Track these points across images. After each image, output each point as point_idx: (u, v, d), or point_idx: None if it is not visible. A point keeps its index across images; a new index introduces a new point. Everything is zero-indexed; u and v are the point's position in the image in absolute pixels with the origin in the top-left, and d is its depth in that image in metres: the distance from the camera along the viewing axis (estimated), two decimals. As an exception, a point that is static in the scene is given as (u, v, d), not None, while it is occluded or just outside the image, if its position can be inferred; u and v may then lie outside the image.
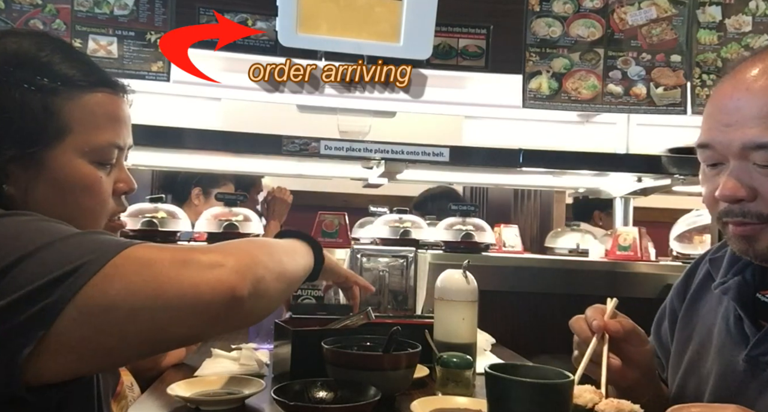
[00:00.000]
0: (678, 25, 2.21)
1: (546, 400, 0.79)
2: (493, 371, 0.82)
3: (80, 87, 0.86)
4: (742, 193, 0.91)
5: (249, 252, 0.80)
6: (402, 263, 1.96)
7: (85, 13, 1.99)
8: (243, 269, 0.75)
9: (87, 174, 0.86)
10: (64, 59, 0.86)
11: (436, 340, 1.34)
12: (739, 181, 0.91)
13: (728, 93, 0.94)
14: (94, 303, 0.67)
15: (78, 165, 0.85)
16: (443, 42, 2.30)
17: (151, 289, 0.70)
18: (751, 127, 0.89)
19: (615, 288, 2.10)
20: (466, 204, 2.22)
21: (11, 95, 0.80)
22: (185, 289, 0.71)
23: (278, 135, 1.98)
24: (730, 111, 0.92)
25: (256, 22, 2.19)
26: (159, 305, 0.70)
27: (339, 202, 4.11)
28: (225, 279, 0.73)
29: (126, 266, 0.70)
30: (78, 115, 0.85)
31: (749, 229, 0.92)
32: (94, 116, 0.87)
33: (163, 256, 0.73)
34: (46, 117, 0.82)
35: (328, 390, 1.07)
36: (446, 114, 2.47)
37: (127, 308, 0.69)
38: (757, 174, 0.90)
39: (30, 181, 0.82)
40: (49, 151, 0.83)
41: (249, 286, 0.74)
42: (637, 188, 2.32)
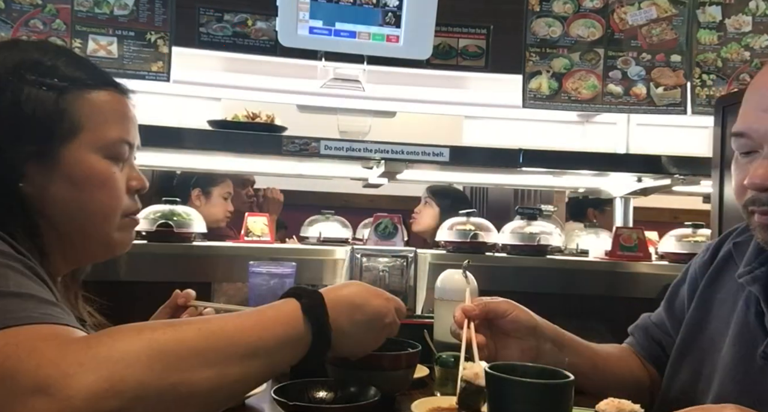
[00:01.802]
0: (678, 25, 2.21)
1: (546, 400, 0.79)
2: (493, 371, 0.82)
3: (88, 86, 0.88)
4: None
5: (121, 363, 0.59)
6: (402, 263, 1.96)
7: (85, 13, 1.99)
8: (75, 403, 0.55)
9: (101, 169, 0.88)
10: (68, 62, 0.88)
11: (435, 340, 1.34)
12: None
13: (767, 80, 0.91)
14: None
15: (92, 160, 0.87)
16: (443, 42, 2.30)
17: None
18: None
19: (615, 288, 2.11)
20: (532, 208, 2.22)
21: (24, 95, 0.82)
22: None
23: (278, 135, 1.98)
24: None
25: (256, 22, 2.19)
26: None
27: (339, 202, 4.11)
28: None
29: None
30: (88, 112, 0.86)
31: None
32: (103, 113, 0.89)
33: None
34: (58, 114, 0.83)
35: (328, 390, 1.06)
36: (446, 114, 2.47)
37: None
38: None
39: (46, 179, 0.83)
40: (63, 148, 0.84)
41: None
42: (637, 188, 2.31)
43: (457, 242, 2.14)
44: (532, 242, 2.13)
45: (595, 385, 1.10)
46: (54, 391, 0.55)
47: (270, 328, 0.75)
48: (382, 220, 2.12)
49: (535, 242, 2.12)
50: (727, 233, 1.14)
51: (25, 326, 0.61)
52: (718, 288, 1.07)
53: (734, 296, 1.02)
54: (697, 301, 1.10)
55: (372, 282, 1.95)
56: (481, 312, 1.05)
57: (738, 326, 0.98)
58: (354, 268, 2.00)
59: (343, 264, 2.06)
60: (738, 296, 1.01)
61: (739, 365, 0.95)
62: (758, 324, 0.95)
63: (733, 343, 0.98)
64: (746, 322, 0.97)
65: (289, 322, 0.77)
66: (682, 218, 2.36)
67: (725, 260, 1.08)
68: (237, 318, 0.75)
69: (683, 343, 1.09)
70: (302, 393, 1.04)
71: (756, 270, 0.97)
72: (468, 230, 2.14)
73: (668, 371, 1.11)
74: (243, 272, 1.78)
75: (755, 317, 0.96)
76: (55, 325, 0.63)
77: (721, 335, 1.02)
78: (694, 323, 1.08)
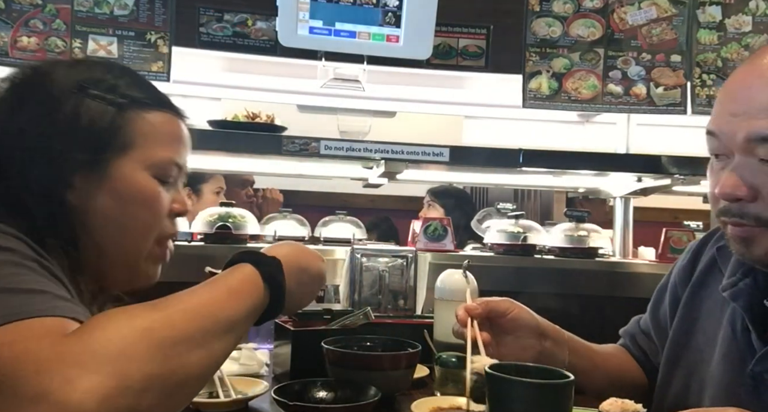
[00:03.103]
0: (678, 25, 2.21)
1: (546, 400, 0.79)
2: (493, 371, 0.82)
3: (146, 105, 0.89)
4: (742, 192, 0.83)
5: (122, 357, 0.57)
6: (402, 263, 1.96)
7: (85, 13, 1.99)
8: (87, 407, 0.53)
9: (148, 186, 0.88)
10: (131, 82, 0.90)
11: (435, 340, 1.34)
12: (741, 179, 0.83)
13: (741, 79, 0.87)
14: None
15: (140, 177, 0.88)
16: (443, 42, 2.30)
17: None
18: (759, 118, 0.81)
19: (615, 288, 2.10)
20: (580, 210, 2.21)
21: (84, 107, 0.83)
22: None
23: (278, 135, 1.98)
24: (740, 99, 0.85)
25: (256, 22, 2.18)
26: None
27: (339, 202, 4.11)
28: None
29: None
30: (143, 131, 0.88)
31: (746, 231, 0.85)
32: (157, 133, 0.90)
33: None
34: (113, 130, 0.85)
35: (328, 390, 1.07)
36: (446, 114, 2.47)
37: None
38: (761, 172, 0.83)
39: (92, 191, 0.84)
40: (113, 162, 0.85)
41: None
42: (637, 188, 2.31)
43: (507, 244, 2.12)
44: (582, 245, 2.11)
45: (595, 384, 1.10)
46: (60, 397, 0.53)
47: (242, 300, 0.76)
48: (431, 222, 2.12)
49: (585, 244, 2.11)
50: (708, 234, 1.10)
51: (21, 322, 0.60)
52: (705, 297, 1.04)
53: (721, 307, 0.99)
54: (683, 311, 1.07)
55: (372, 282, 1.96)
56: (484, 311, 1.05)
57: (726, 341, 0.95)
58: (354, 268, 2.00)
59: (343, 264, 2.06)
60: (725, 307, 0.97)
61: (728, 382, 0.93)
62: (745, 341, 0.91)
63: (722, 359, 0.95)
64: (733, 338, 0.94)
65: (253, 291, 0.79)
66: (682, 218, 2.36)
67: (710, 266, 1.05)
68: (211, 293, 0.75)
69: (672, 354, 1.07)
70: (302, 393, 1.04)
71: (740, 282, 0.93)
72: (517, 232, 2.14)
73: (660, 381, 1.10)
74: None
75: (741, 333, 0.92)
76: (53, 317, 0.62)
77: (709, 349, 0.99)
78: (681, 334, 1.06)
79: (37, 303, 0.63)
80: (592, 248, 2.12)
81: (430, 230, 2.12)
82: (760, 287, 0.92)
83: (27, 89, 0.85)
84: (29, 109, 0.83)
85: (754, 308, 0.91)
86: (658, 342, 1.15)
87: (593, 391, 1.08)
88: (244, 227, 2.02)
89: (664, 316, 1.14)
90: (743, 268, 0.94)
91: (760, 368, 0.88)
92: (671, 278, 1.14)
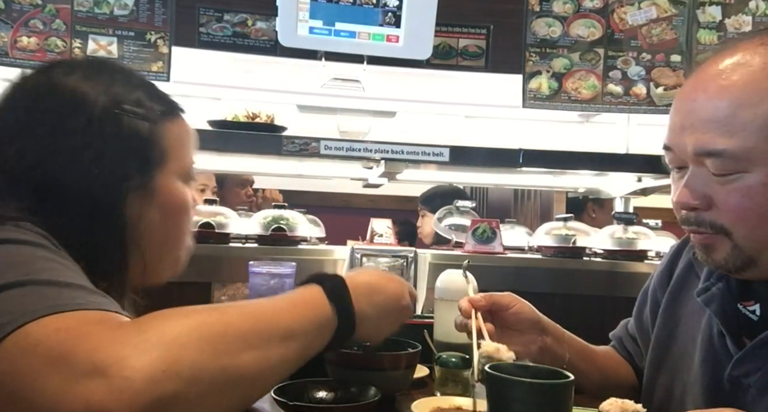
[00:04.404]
0: (678, 25, 2.21)
1: (546, 400, 0.79)
2: (493, 371, 0.82)
3: (169, 115, 0.91)
4: (695, 202, 0.86)
5: (174, 344, 0.59)
6: (402, 263, 1.96)
7: (85, 13, 1.99)
8: (135, 385, 0.54)
9: (185, 194, 0.92)
10: (150, 91, 0.91)
11: (435, 340, 1.34)
12: (694, 189, 0.86)
13: (687, 93, 0.89)
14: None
15: (178, 187, 0.91)
16: (443, 42, 2.30)
17: (10, 390, 0.57)
18: (703, 131, 0.83)
19: (615, 288, 2.10)
20: (629, 213, 2.21)
21: (125, 125, 0.84)
22: (40, 404, 0.55)
23: (278, 135, 1.98)
24: (686, 113, 0.87)
25: (256, 22, 2.19)
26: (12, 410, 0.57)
27: (339, 202, 4.11)
28: (95, 401, 0.53)
29: (17, 346, 0.58)
30: (172, 141, 0.90)
31: (705, 238, 0.88)
32: (182, 140, 0.93)
33: (44, 346, 0.57)
34: (152, 144, 0.86)
35: (328, 390, 1.06)
36: (446, 114, 2.47)
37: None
38: (712, 182, 0.85)
39: (142, 208, 0.85)
40: (156, 176, 0.87)
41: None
42: (637, 188, 2.31)
43: (557, 246, 2.12)
44: (630, 248, 2.10)
45: (595, 384, 1.11)
46: (112, 373, 0.54)
47: (302, 311, 0.76)
48: (479, 224, 2.11)
49: (634, 247, 2.10)
50: (685, 239, 1.10)
51: (74, 312, 0.61)
52: (684, 301, 1.05)
53: (699, 311, 0.99)
54: (663, 315, 1.08)
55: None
56: (487, 303, 1.06)
57: (704, 346, 0.96)
58: (354, 268, 2.00)
59: (343, 264, 2.06)
60: (703, 312, 0.98)
61: (708, 386, 0.93)
62: (722, 346, 0.92)
63: (701, 363, 0.95)
64: (711, 342, 0.94)
65: (317, 305, 0.79)
66: (682, 218, 2.35)
67: (687, 271, 1.06)
68: (271, 302, 0.76)
69: (655, 358, 1.08)
70: (302, 393, 1.04)
71: (713, 287, 0.94)
72: (566, 235, 2.13)
73: (645, 385, 1.10)
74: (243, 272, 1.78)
75: (718, 338, 0.93)
76: (103, 311, 0.63)
77: (689, 353, 0.99)
78: (663, 338, 1.07)
79: (82, 297, 0.64)
80: (641, 250, 2.10)
81: (478, 233, 2.10)
82: (732, 292, 0.93)
83: (56, 106, 0.82)
84: (68, 132, 0.81)
85: (728, 313, 0.92)
86: (642, 346, 1.15)
87: (591, 390, 1.08)
88: (297, 229, 2.06)
89: (646, 320, 1.15)
90: (716, 272, 0.95)
91: (737, 372, 0.88)
92: (651, 284, 1.15)
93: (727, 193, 0.84)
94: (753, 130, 0.81)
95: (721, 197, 0.84)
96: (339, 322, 0.80)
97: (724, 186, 0.84)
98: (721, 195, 0.84)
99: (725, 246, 0.86)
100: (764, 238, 0.84)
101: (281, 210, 2.07)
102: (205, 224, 1.96)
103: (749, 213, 0.83)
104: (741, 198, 0.83)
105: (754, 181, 0.82)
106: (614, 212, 2.23)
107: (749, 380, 0.87)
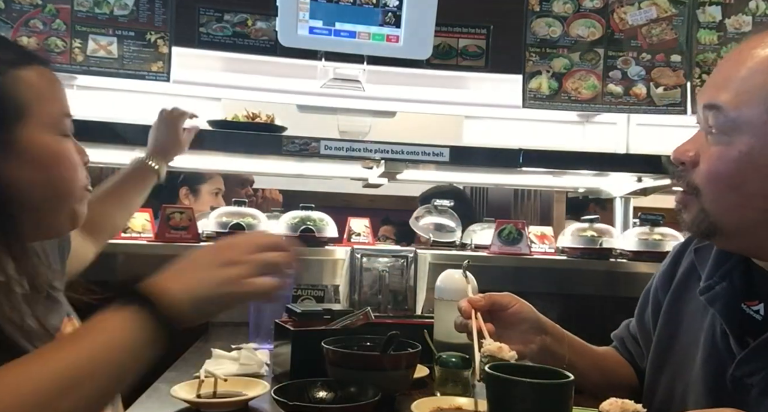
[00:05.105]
0: (678, 25, 2.21)
1: (546, 400, 0.79)
2: (493, 371, 0.82)
3: (19, 64, 0.86)
4: (686, 158, 0.89)
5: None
6: (402, 263, 1.96)
7: (85, 13, 1.99)
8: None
9: (57, 146, 0.89)
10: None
11: (435, 340, 1.34)
12: (689, 144, 0.89)
13: (728, 56, 0.91)
14: None
15: (47, 139, 0.87)
16: (443, 42, 2.30)
17: None
18: (717, 87, 0.86)
19: (615, 288, 2.10)
20: (654, 214, 2.22)
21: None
22: None
23: (278, 135, 1.98)
24: (715, 72, 0.90)
25: (256, 22, 2.18)
26: None
27: (339, 202, 4.11)
28: None
29: None
30: (28, 91, 0.86)
31: (681, 197, 0.91)
32: (41, 89, 0.88)
33: None
34: (2, 100, 0.82)
35: (328, 390, 1.07)
36: (446, 114, 2.47)
37: None
38: (705, 141, 0.87)
39: (12, 166, 0.82)
40: (17, 132, 0.83)
41: None
42: (637, 188, 2.31)
43: (583, 248, 2.13)
44: (657, 249, 2.10)
45: (594, 384, 1.11)
46: None
47: (119, 352, 0.71)
48: (505, 225, 2.11)
49: (660, 248, 2.10)
50: (688, 238, 1.11)
51: None
52: (686, 301, 1.05)
53: (702, 311, 0.99)
54: (665, 316, 1.08)
55: (372, 282, 1.96)
56: (487, 303, 1.06)
57: (707, 346, 0.96)
58: (354, 268, 2.00)
59: (343, 264, 2.06)
60: (705, 311, 0.98)
61: (710, 387, 0.93)
62: (725, 346, 0.92)
63: (703, 363, 0.95)
64: (714, 342, 0.94)
65: (132, 341, 0.72)
66: (682, 218, 2.35)
67: (690, 270, 1.06)
68: (88, 351, 0.70)
69: (657, 358, 1.08)
70: (302, 393, 1.04)
71: (716, 286, 0.94)
72: (592, 236, 2.13)
73: (646, 385, 1.10)
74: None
75: (721, 337, 0.93)
76: None
77: (691, 353, 0.99)
78: (665, 339, 1.07)
79: None
80: (668, 252, 2.10)
81: (504, 234, 2.10)
82: (736, 290, 0.92)
83: None
84: None
85: (731, 312, 0.92)
86: (643, 346, 1.15)
87: (590, 390, 1.08)
88: (325, 230, 2.10)
89: (647, 321, 1.15)
90: (720, 271, 0.95)
91: (740, 372, 0.88)
92: (653, 284, 1.15)
93: (709, 154, 0.86)
94: (756, 97, 0.82)
95: (704, 157, 0.87)
96: (154, 331, 0.73)
97: (709, 147, 0.86)
98: (705, 155, 0.87)
99: (694, 207, 0.89)
100: (728, 206, 0.86)
101: (308, 211, 2.12)
102: (236, 225, 2.02)
103: (719, 177, 0.85)
104: (716, 161, 0.85)
105: (734, 148, 0.83)
106: (640, 214, 2.23)
107: (752, 380, 0.87)
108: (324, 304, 1.97)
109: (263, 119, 2.02)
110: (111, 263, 1.92)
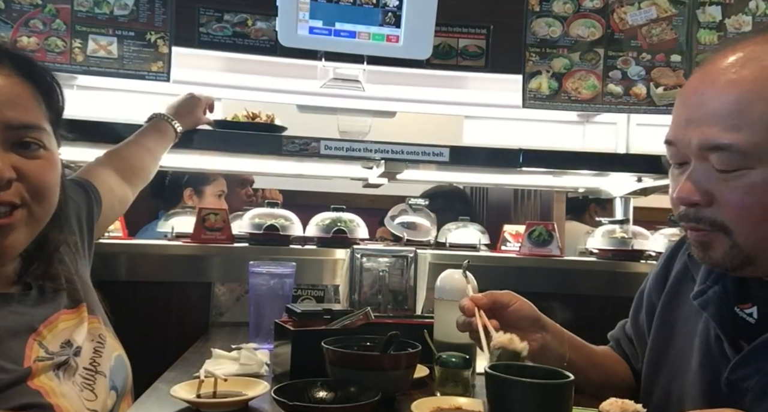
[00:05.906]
0: (678, 25, 2.21)
1: (546, 400, 0.79)
2: (493, 371, 0.82)
3: None
4: (696, 198, 0.85)
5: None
6: (402, 263, 1.96)
7: (85, 13, 1.99)
8: None
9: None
10: None
11: (435, 340, 1.34)
12: (696, 185, 0.85)
13: (694, 86, 0.88)
14: None
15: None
16: (443, 42, 2.30)
17: None
18: (710, 125, 0.82)
19: (615, 288, 2.11)
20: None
21: None
22: None
23: (278, 135, 1.98)
24: (693, 106, 0.86)
25: (256, 22, 2.18)
26: None
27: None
28: None
29: None
30: None
31: (704, 235, 0.87)
32: None
33: None
34: None
35: (328, 390, 1.07)
36: (446, 114, 2.47)
37: None
38: (715, 178, 0.84)
39: None
40: None
41: None
42: (637, 188, 2.31)
43: (614, 249, 2.13)
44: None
45: (593, 382, 1.11)
46: None
47: None
48: (535, 227, 2.10)
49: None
50: (680, 241, 1.10)
51: None
52: (680, 304, 1.04)
53: (696, 314, 0.99)
54: (660, 319, 1.07)
55: (372, 282, 1.96)
56: (489, 301, 1.06)
57: (701, 349, 0.95)
58: (354, 268, 2.00)
59: (343, 264, 2.06)
60: (699, 315, 0.98)
61: (706, 390, 0.93)
62: (719, 349, 0.91)
63: (699, 367, 0.95)
64: (708, 345, 0.94)
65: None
66: (682, 218, 2.35)
67: (683, 273, 1.05)
68: None
69: (652, 361, 1.07)
70: (302, 393, 1.04)
71: (709, 290, 0.94)
72: (623, 238, 2.13)
73: (643, 388, 1.10)
74: (243, 272, 1.79)
75: (715, 341, 0.92)
76: None
77: (686, 356, 0.99)
78: (660, 342, 1.06)
79: None
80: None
81: (534, 235, 2.09)
82: (729, 295, 0.92)
83: None
84: None
85: (725, 316, 0.91)
86: (638, 347, 1.15)
87: (590, 390, 1.08)
88: (356, 231, 2.14)
89: (642, 323, 1.15)
90: (713, 275, 0.95)
91: (735, 376, 0.88)
92: (646, 287, 1.15)
93: (730, 189, 0.83)
94: (761, 125, 0.80)
95: (723, 194, 0.83)
96: None
97: (727, 183, 0.83)
98: (723, 192, 0.83)
99: (724, 244, 0.85)
100: (765, 236, 0.83)
101: (339, 212, 2.16)
102: (270, 226, 2.07)
103: (752, 211, 0.82)
104: (744, 195, 0.82)
105: (758, 178, 0.81)
106: (670, 215, 2.23)
107: (747, 384, 0.86)
108: (324, 304, 1.98)
109: (263, 119, 2.02)
110: (151, 262, 2.00)
